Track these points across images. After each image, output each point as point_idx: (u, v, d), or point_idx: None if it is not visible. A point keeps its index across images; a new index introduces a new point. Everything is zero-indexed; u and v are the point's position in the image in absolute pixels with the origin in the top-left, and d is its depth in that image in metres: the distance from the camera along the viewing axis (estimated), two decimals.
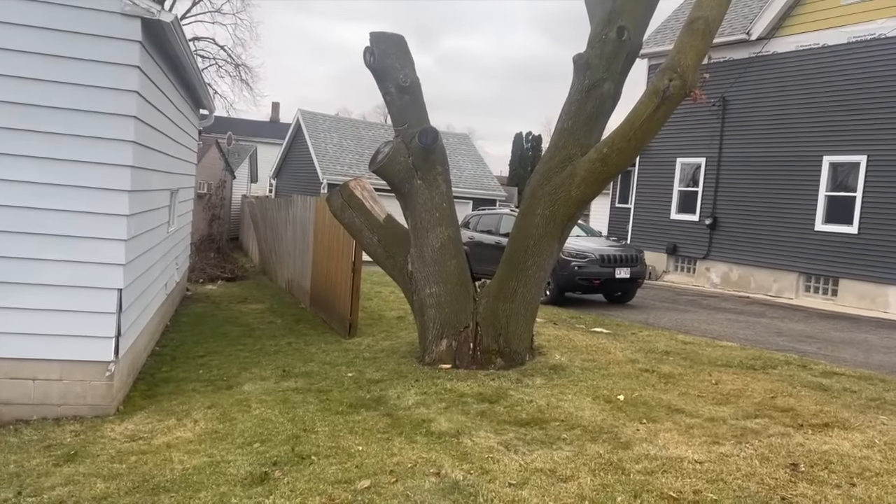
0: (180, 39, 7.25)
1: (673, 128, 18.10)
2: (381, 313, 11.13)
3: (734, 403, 6.05)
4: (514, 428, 5.30)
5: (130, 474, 4.65)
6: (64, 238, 6.14)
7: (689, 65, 6.61)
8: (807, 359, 8.46)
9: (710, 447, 4.87)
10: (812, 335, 10.93)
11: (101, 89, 6.14)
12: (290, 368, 7.60)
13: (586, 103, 7.20)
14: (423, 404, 5.93)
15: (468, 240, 14.47)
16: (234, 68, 36.57)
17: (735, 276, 17.58)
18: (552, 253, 7.46)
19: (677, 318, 12.04)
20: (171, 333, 10.07)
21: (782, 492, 4.12)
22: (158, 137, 7.86)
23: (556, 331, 9.42)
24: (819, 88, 15.79)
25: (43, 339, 6.18)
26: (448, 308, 7.30)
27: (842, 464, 4.59)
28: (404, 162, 7.32)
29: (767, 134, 16.86)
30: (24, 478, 4.71)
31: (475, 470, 4.42)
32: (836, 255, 15.29)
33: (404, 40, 7.45)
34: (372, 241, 7.81)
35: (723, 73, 17.50)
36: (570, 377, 6.86)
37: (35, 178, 6.03)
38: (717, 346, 9.07)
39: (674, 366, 7.53)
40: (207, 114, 13.46)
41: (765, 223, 16.77)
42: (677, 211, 19.26)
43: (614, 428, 5.29)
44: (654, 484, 4.19)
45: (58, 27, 5.99)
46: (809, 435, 5.20)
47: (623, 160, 7.08)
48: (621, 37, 6.99)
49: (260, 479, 4.40)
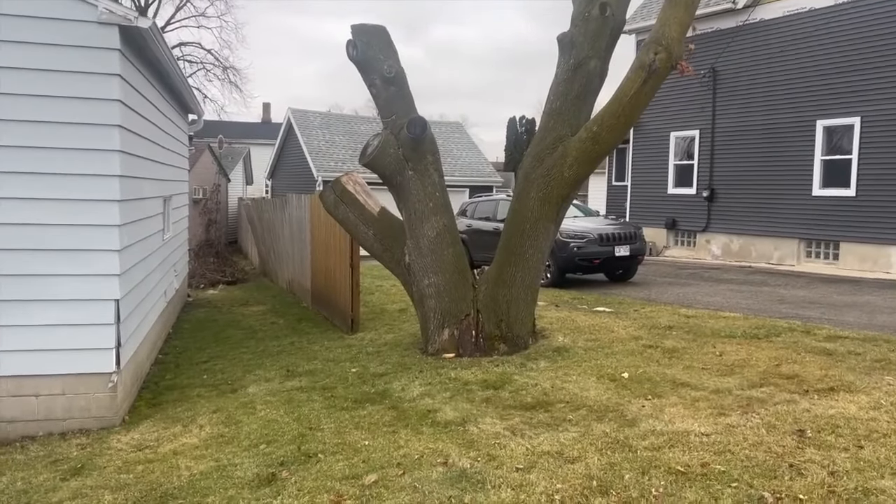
0: (161, 45, 7.20)
1: (664, 102, 18.02)
2: (382, 307, 11.11)
3: (739, 374, 6.03)
4: (519, 412, 5.29)
5: (138, 484, 4.64)
6: (57, 252, 6.12)
7: (674, 37, 6.56)
8: (810, 324, 8.44)
9: (717, 419, 4.86)
10: (815, 300, 10.91)
11: (83, 100, 6.10)
12: (294, 368, 7.59)
13: (573, 83, 7.14)
14: (428, 395, 5.92)
15: (466, 227, 14.44)
16: (222, 71, 36.55)
17: (736, 247, 17.54)
18: (549, 235, 7.43)
19: (679, 293, 12.02)
20: (174, 340, 10.07)
21: (790, 459, 4.10)
22: (146, 145, 7.82)
23: (558, 313, 9.41)
24: (809, 53, 15.69)
25: (43, 355, 6.16)
26: (448, 297, 7.28)
27: (849, 427, 4.57)
28: (394, 154, 7.27)
29: (759, 102, 16.77)
30: (31, 494, 4.71)
31: (482, 457, 4.41)
32: (835, 219, 15.24)
33: (386, 31, 7.40)
34: (368, 235, 7.78)
35: (711, 44, 17.39)
36: (574, 358, 6.85)
37: (23, 193, 6.00)
38: (720, 317, 9.05)
39: (677, 340, 7.51)
40: (196, 118, 13.40)
41: (762, 192, 16.71)
42: (674, 185, 19.19)
43: (620, 406, 5.27)
44: (661, 459, 4.17)
45: (35, 40, 5.94)
46: (815, 400, 5.18)
47: (614, 137, 7.05)
48: (604, 13, 6.93)
49: (267, 480, 4.39)
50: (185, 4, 35.90)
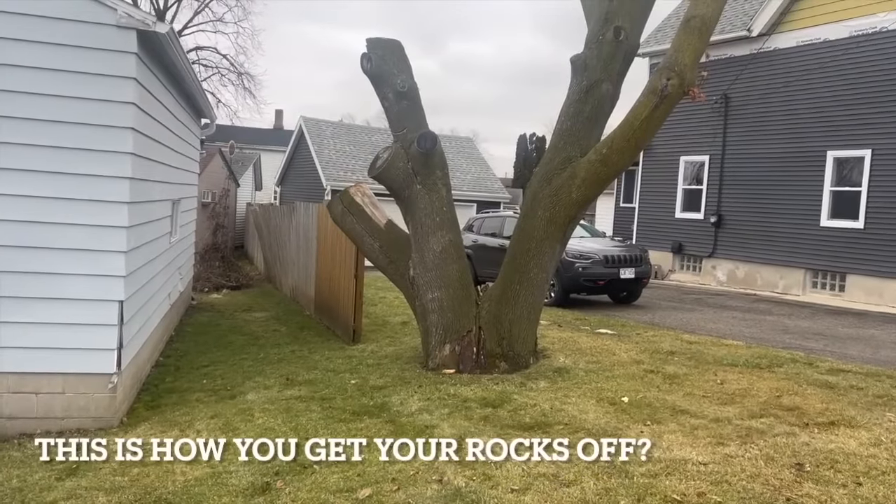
0: (177, 50, 7.27)
1: (675, 126, 18.03)
2: (385, 319, 11.11)
3: (739, 403, 6.00)
4: (517, 432, 5.26)
5: (132, 487, 4.63)
6: (63, 251, 6.16)
7: (687, 63, 6.58)
8: (813, 356, 8.40)
9: (715, 448, 4.83)
10: (819, 332, 10.86)
11: (99, 102, 6.16)
12: (294, 377, 7.58)
13: (585, 104, 7.17)
14: (427, 410, 5.90)
15: (472, 243, 14.45)
16: (236, 77, 36.73)
17: (741, 274, 17.49)
18: (554, 255, 7.43)
19: (683, 318, 11.98)
20: (176, 343, 10.08)
21: (787, 492, 4.07)
22: (158, 148, 7.87)
23: (560, 333, 9.38)
24: (822, 84, 15.70)
25: (45, 353, 6.19)
26: (451, 312, 7.28)
27: (848, 463, 4.54)
28: (403, 167, 7.30)
29: (771, 130, 16.77)
30: (26, 493, 4.71)
31: (477, 476, 4.39)
32: (842, 251, 15.18)
33: (401, 45, 7.44)
34: (373, 247, 7.79)
35: (724, 71, 17.42)
36: (574, 380, 6.82)
37: (33, 192, 6.05)
38: (723, 345, 9.01)
39: (679, 366, 7.48)
40: (209, 123, 13.49)
41: (770, 220, 16.68)
42: (682, 209, 19.18)
43: (618, 430, 5.25)
44: (657, 487, 4.15)
45: (54, 41, 6.02)
46: (815, 434, 5.15)
47: (623, 160, 7.06)
48: (618, 37, 6.96)
49: (262, 489, 4.39)
50: (202, 9, 36.21)
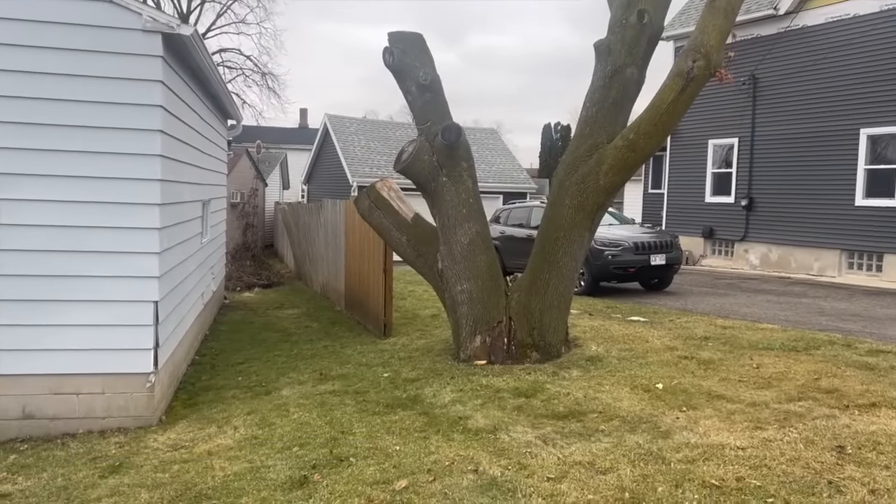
0: (202, 52, 7.34)
1: (703, 109, 17.77)
2: (415, 312, 11.15)
3: (776, 387, 5.92)
4: (551, 421, 5.26)
5: (173, 483, 4.72)
6: (98, 254, 6.27)
7: (713, 44, 6.49)
8: (851, 338, 8.25)
9: (753, 433, 4.77)
10: (856, 313, 10.65)
11: (127, 105, 6.25)
12: (327, 371, 7.65)
13: (610, 90, 7.09)
14: (460, 401, 5.92)
15: (499, 234, 14.41)
16: (260, 77, 36.96)
17: (775, 257, 17.22)
18: (583, 243, 7.38)
19: (716, 303, 11.84)
20: (210, 342, 10.22)
21: (829, 475, 4.01)
22: (186, 150, 7.97)
23: (591, 321, 9.33)
24: (852, 60, 15.35)
25: (84, 354, 6.32)
26: (480, 304, 7.28)
27: (891, 444, 4.45)
28: (428, 160, 7.30)
29: (801, 110, 16.45)
30: (71, 490, 4.82)
31: (513, 465, 4.40)
32: (879, 230, 14.86)
33: (423, 38, 7.44)
34: (401, 240, 7.81)
35: (752, 51, 17.12)
36: (607, 368, 6.79)
37: (66, 196, 6.17)
38: (758, 329, 8.89)
39: (713, 351, 7.40)
40: (235, 123, 13.61)
41: (803, 201, 16.38)
42: (712, 193, 18.91)
43: (653, 417, 5.21)
44: (695, 472, 4.11)
45: (81, 47, 6.12)
46: (856, 416, 5.06)
47: (651, 145, 6.98)
48: (642, 20, 6.88)
49: (299, 482, 4.44)
50: (225, 11, 36.47)
